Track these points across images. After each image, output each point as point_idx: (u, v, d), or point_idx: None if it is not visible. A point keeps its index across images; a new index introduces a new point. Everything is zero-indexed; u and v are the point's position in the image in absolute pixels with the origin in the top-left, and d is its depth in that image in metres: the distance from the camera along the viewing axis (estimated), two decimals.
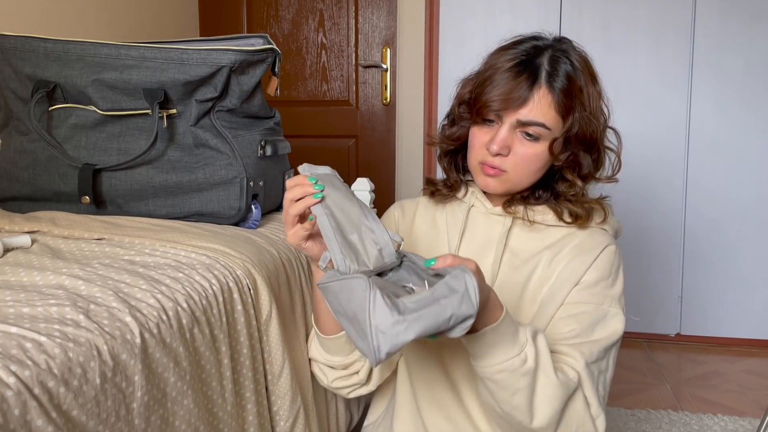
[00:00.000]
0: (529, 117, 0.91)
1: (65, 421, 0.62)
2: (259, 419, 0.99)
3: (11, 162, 1.30)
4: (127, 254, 0.99)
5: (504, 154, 0.93)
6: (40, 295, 0.78)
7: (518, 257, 1.00)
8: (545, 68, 0.91)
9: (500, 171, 0.95)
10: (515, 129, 0.93)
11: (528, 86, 0.90)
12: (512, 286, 0.99)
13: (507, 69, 0.92)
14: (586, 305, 0.94)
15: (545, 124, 0.91)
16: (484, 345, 0.80)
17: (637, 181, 2.58)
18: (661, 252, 2.62)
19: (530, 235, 1.00)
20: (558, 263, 0.97)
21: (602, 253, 0.96)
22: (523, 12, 2.58)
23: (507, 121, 0.92)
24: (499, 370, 0.81)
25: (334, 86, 2.83)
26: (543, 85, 0.91)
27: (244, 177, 1.25)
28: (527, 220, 0.99)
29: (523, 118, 0.91)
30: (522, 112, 0.91)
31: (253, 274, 1.05)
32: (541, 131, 0.92)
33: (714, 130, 2.53)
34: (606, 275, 0.96)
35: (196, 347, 0.87)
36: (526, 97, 0.90)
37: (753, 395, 2.15)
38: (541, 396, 0.83)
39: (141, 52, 1.23)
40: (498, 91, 0.91)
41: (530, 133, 0.92)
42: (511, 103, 0.90)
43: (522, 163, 0.94)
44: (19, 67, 1.26)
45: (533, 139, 0.93)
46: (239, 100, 1.27)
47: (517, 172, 0.95)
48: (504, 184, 0.97)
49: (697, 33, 2.49)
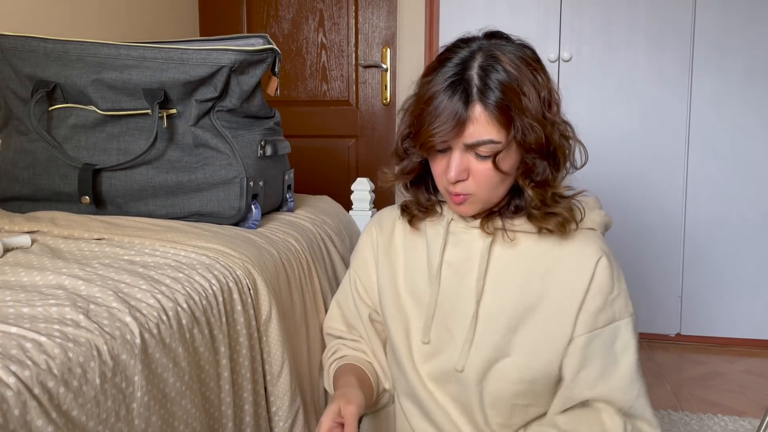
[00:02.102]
0: (474, 138, 0.88)
1: (65, 421, 0.62)
2: (255, 419, 0.99)
3: (11, 162, 1.30)
4: (127, 254, 0.99)
5: (464, 179, 0.91)
6: (40, 295, 0.78)
7: (504, 274, 0.97)
8: (476, 84, 0.87)
9: (468, 195, 0.93)
10: (466, 151, 0.90)
11: (463, 107, 0.86)
12: (499, 306, 0.96)
13: (439, 94, 0.88)
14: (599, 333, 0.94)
15: (492, 139, 0.88)
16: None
17: (637, 181, 2.58)
18: (661, 252, 2.62)
19: (513, 249, 0.97)
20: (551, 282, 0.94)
21: (596, 272, 0.93)
22: (523, 12, 2.58)
23: (456, 148, 0.90)
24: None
25: (334, 86, 2.83)
26: (477, 103, 0.87)
27: (244, 177, 1.25)
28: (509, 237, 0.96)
29: (468, 141, 0.88)
30: (465, 136, 0.88)
31: (253, 274, 1.05)
32: (492, 147, 0.88)
33: (714, 130, 2.53)
34: (607, 292, 0.94)
35: (195, 347, 0.87)
36: (464, 120, 0.87)
37: (753, 395, 2.15)
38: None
39: (141, 52, 1.23)
40: (436, 124, 0.87)
41: (481, 153, 0.89)
42: (450, 132, 0.87)
43: (484, 182, 0.91)
44: (19, 67, 1.26)
45: (486, 158, 0.89)
46: (239, 100, 1.27)
47: (483, 192, 0.92)
48: (475, 205, 0.94)
49: (697, 33, 2.49)
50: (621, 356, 0.94)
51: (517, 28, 1.01)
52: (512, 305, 0.96)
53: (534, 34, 2.57)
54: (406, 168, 0.99)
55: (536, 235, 0.97)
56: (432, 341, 1.00)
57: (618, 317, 0.95)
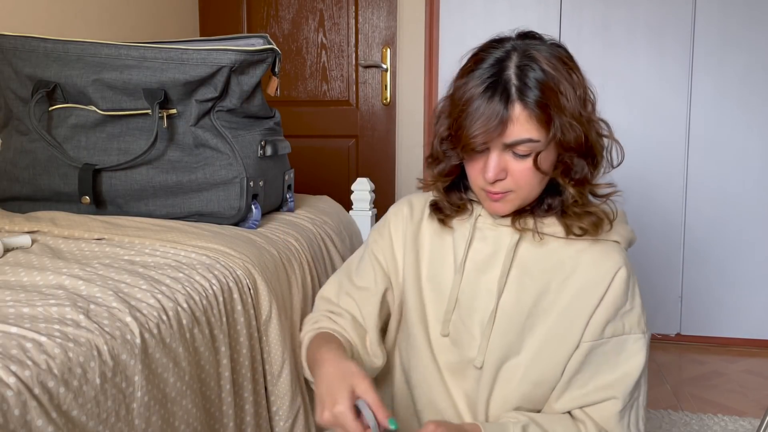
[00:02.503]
0: (514, 137, 0.88)
1: (65, 421, 0.62)
2: (256, 419, 0.99)
3: (11, 162, 1.30)
4: (127, 254, 0.99)
5: (502, 178, 0.91)
6: (40, 295, 0.78)
7: (527, 274, 0.97)
8: (514, 84, 0.87)
9: (506, 193, 0.93)
10: (504, 150, 0.90)
11: (504, 108, 0.86)
12: (518, 305, 0.96)
13: (478, 96, 0.88)
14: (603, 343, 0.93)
15: (531, 138, 0.88)
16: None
17: (637, 181, 2.58)
18: (661, 252, 2.62)
19: (540, 250, 0.97)
20: (569, 287, 0.94)
21: (613, 282, 0.93)
22: (523, 12, 2.58)
23: (494, 148, 0.90)
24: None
25: (334, 86, 2.83)
26: (517, 103, 0.87)
27: (244, 177, 1.25)
28: (539, 235, 0.96)
29: (508, 140, 0.88)
30: (505, 136, 0.88)
31: (253, 274, 1.05)
32: (531, 146, 0.88)
33: (714, 130, 2.53)
34: (620, 304, 0.94)
35: (196, 347, 0.87)
36: (505, 120, 0.87)
37: (753, 395, 2.15)
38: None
39: (141, 52, 1.23)
40: (476, 125, 0.87)
41: (519, 153, 0.89)
42: (491, 133, 0.87)
43: (523, 179, 0.91)
44: (19, 67, 1.26)
45: (526, 156, 0.90)
46: (239, 100, 1.27)
47: (523, 189, 0.93)
48: (513, 203, 0.94)
49: (697, 33, 2.49)
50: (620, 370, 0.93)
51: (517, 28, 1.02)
52: (530, 305, 0.95)
53: None
54: (444, 170, 0.99)
55: (563, 240, 0.97)
56: (450, 334, 1.00)
57: (627, 331, 0.94)
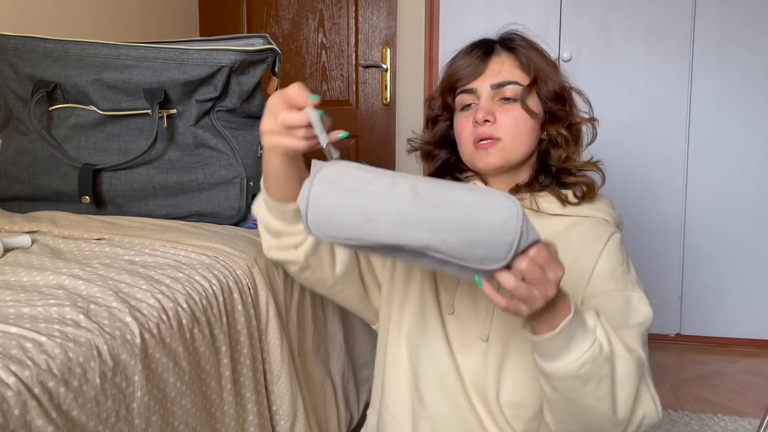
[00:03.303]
0: (501, 78, 0.97)
1: (65, 421, 0.62)
2: (259, 419, 0.99)
3: (11, 162, 1.30)
4: (127, 254, 0.99)
5: (491, 121, 0.97)
6: (40, 295, 0.78)
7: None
8: (495, 42, 1.01)
9: (495, 140, 0.98)
10: (493, 98, 0.98)
11: (484, 55, 0.99)
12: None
13: (465, 52, 1.00)
14: (609, 294, 0.93)
15: (517, 81, 0.97)
16: (561, 340, 0.75)
17: (637, 181, 2.58)
18: (661, 251, 2.61)
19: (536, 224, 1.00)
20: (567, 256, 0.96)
21: (610, 241, 0.97)
22: (523, 12, 2.58)
23: (483, 91, 0.98)
24: (582, 363, 0.76)
25: (334, 86, 2.83)
26: (501, 51, 1.00)
27: (244, 177, 1.25)
28: (535, 208, 1.01)
29: (495, 81, 0.97)
30: (492, 77, 0.98)
31: (253, 274, 1.05)
32: (517, 90, 0.97)
33: (714, 130, 2.53)
34: (620, 262, 0.96)
35: (196, 347, 0.87)
36: (488, 63, 0.99)
37: (753, 395, 2.14)
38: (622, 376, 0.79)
39: (141, 52, 1.23)
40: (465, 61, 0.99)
41: (507, 96, 0.97)
42: (479, 71, 0.98)
43: (511, 125, 0.98)
44: (19, 67, 1.26)
45: (512, 101, 0.98)
46: (239, 100, 1.27)
47: (511, 137, 0.98)
48: (502, 153, 0.99)
49: (697, 33, 2.49)
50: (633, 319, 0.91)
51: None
52: None
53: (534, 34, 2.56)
54: (436, 133, 1.06)
55: (557, 217, 1.01)
56: (456, 312, 1.00)
57: (630, 289, 0.94)
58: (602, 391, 0.80)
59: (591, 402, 0.80)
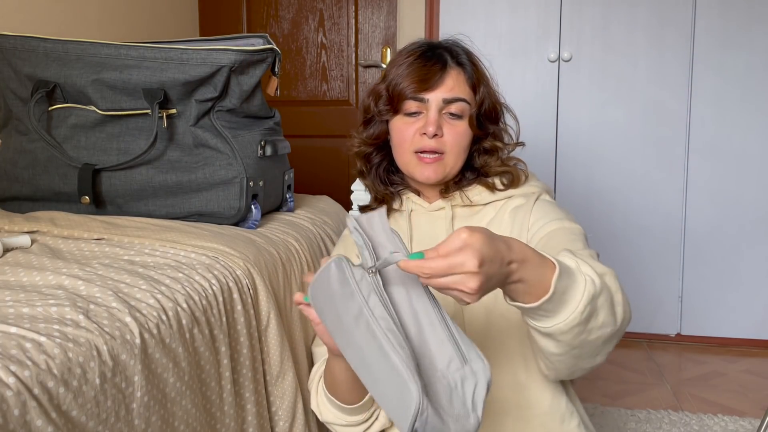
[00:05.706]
0: (452, 94, 0.98)
1: (65, 422, 0.62)
2: (258, 419, 0.99)
3: (11, 162, 1.30)
4: (126, 254, 0.99)
5: (440, 135, 0.99)
6: (39, 295, 0.77)
7: None
8: (447, 54, 1.01)
9: (439, 156, 0.99)
10: (441, 111, 0.99)
11: (440, 69, 0.99)
12: None
13: (415, 59, 0.99)
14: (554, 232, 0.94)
15: (466, 99, 0.99)
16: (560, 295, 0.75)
17: (637, 181, 2.58)
18: (661, 252, 2.61)
19: (472, 219, 1.04)
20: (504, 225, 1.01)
21: (537, 201, 1.01)
22: (523, 12, 2.58)
23: (433, 103, 0.98)
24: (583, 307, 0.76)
25: (334, 86, 2.83)
26: (453, 66, 1.00)
27: (244, 177, 1.25)
28: (467, 202, 1.04)
29: (447, 96, 0.98)
30: (446, 91, 0.98)
31: (253, 274, 1.05)
32: (464, 107, 0.99)
33: (714, 130, 2.53)
34: (550, 209, 1.00)
35: (195, 347, 0.87)
36: (444, 77, 0.98)
37: (753, 395, 2.15)
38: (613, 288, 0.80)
39: (141, 52, 1.23)
40: (416, 76, 0.98)
41: (454, 112, 0.99)
42: (432, 84, 0.98)
43: (455, 141, 0.99)
44: (19, 67, 1.26)
45: (458, 117, 0.99)
46: (239, 100, 1.27)
47: (453, 152, 1.00)
48: (443, 168, 1.01)
49: (697, 33, 2.49)
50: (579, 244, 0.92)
51: (517, 28, 1.07)
52: None
53: (534, 34, 2.56)
54: (372, 134, 1.07)
55: (490, 205, 1.05)
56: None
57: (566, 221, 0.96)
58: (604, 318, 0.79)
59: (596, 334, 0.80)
